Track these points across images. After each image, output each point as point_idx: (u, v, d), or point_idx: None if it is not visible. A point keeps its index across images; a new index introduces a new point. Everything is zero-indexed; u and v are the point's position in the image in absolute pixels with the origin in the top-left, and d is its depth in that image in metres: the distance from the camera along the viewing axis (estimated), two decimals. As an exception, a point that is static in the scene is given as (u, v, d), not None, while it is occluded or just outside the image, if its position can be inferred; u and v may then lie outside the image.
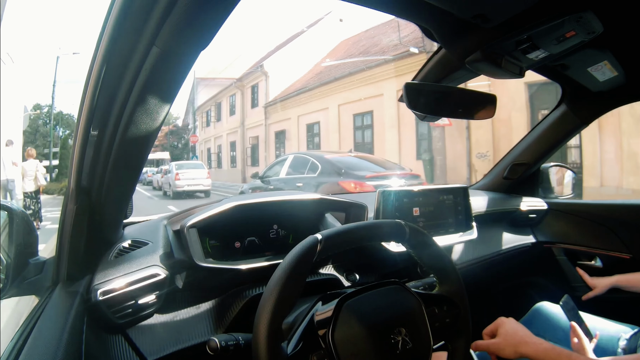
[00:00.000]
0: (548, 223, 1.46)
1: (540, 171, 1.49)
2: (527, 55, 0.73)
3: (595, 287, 1.09)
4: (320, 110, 12.29)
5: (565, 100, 1.25)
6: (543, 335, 0.76)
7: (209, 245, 0.82)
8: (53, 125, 23.96)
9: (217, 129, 20.78)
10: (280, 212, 0.90)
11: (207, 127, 22.80)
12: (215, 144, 21.28)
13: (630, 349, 0.91)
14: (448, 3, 0.61)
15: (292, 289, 0.50)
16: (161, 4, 0.41)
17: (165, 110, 0.55)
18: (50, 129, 22.27)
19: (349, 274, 0.95)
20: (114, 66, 0.49)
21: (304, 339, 0.51)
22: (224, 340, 0.53)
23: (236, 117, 18.25)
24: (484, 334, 0.81)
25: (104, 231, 0.71)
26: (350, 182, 4.24)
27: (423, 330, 0.57)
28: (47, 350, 0.47)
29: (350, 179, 4.28)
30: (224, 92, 19.34)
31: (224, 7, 0.43)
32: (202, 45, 0.47)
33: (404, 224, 0.60)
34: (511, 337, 0.74)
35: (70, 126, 27.51)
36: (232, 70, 18.62)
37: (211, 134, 21.83)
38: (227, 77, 18.84)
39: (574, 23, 0.65)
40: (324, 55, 14.92)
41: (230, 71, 18.70)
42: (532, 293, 1.44)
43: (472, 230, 1.12)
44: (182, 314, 0.74)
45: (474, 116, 0.89)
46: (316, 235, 0.53)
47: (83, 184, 0.61)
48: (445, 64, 0.92)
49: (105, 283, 0.65)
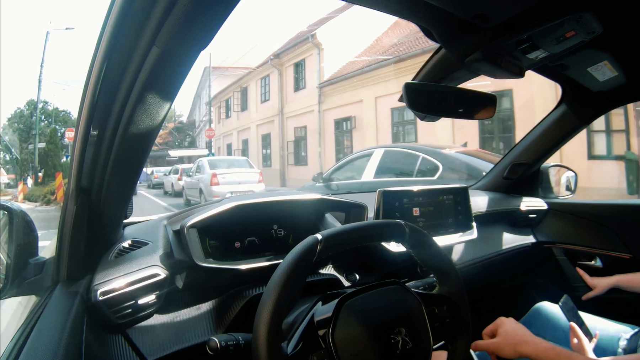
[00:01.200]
0: (548, 223, 1.46)
1: (540, 171, 1.49)
2: (527, 55, 0.74)
3: (595, 287, 1.09)
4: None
5: (565, 100, 1.25)
6: (543, 336, 0.76)
7: (209, 246, 0.81)
8: (47, 122, 21.66)
9: (242, 120, 16.89)
10: (280, 212, 0.90)
11: (227, 118, 18.88)
12: (239, 138, 17.49)
13: (630, 349, 0.91)
14: (448, 3, 0.61)
15: (292, 289, 0.50)
16: (161, 4, 0.41)
17: (165, 110, 0.55)
18: (37, 120, 17.74)
19: (349, 274, 0.95)
20: (114, 66, 0.49)
21: (304, 339, 0.51)
22: (224, 340, 0.53)
23: (271, 103, 14.46)
24: (483, 334, 0.81)
25: (104, 231, 0.71)
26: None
27: (423, 330, 0.57)
28: (47, 350, 0.47)
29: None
30: (252, 75, 15.69)
31: (224, 7, 0.43)
32: (202, 45, 0.47)
33: (404, 224, 0.60)
34: (511, 336, 0.74)
35: (66, 123, 24.68)
36: (249, 59, 16.17)
37: (232, 127, 18.04)
38: (243, 67, 16.41)
39: (574, 23, 0.65)
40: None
41: (246, 60, 16.32)
42: (532, 293, 1.44)
43: (472, 230, 1.12)
44: (182, 314, 0.74)
45: (474, 116, 0.89)
46: (316, 235, 0.53)
47: (83, 184, 0.61)
48: (445, 64, 0.92)
49: (105, 283, 0.65)
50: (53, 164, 14.80)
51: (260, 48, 16.87)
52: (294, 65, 13.22)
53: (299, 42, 12.74)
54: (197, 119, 27.24)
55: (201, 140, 25.84)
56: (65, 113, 26.86)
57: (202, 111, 24.56)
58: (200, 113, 25.15)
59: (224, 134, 19.35)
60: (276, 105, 13.98)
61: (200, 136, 25.90)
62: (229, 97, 18.10)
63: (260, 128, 15.36)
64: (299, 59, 12.88)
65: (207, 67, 19.12)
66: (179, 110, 31.89)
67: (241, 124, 17.03)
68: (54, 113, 25.49)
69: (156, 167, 17.90)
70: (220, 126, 19.58)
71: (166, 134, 28.60)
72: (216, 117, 19.99)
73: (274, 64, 13.85)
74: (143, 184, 17.57)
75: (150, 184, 17.05)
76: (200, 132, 25.72)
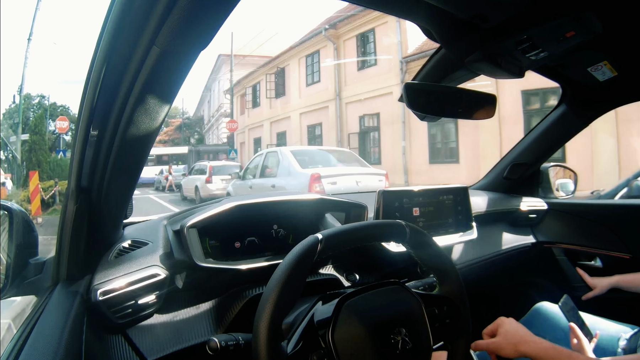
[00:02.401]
0: (548, 223, 1.46)
1: (540, 171, 1.49)
2: (527, 55, 0.74)
3: (595, 287, 1.09)
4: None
5: (565, 100, 1.25)
6: (543, 336, 0.75)
7: (208, 246, 0.81)
8: (41, 113, 17.57)
9: (277, 109, 13.83)
10: (280, 212, 0.90)
11: (255, 107, 15.63)
12: (272, 130, 14.32)
13: (630, 349, 0.91)
14: (448, 3, 0.62)
15: (292, 289, 0.50)
16: (161, 4, 0.41)
17: (165, 110, 0.55)
18: (20, 105, 14.12)
19: (349, 274, 0.95)
20: (114, 66, 0.49)
21: (304, 338, 0.51)
22: (224, 340, 0.53)
23: (323, 86, 11.49)
24: (484, 334, 0.81)
25: (104, 231, 0.71)
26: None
27: (423, 331, 0.57)
28: (47, 350, 0.47)
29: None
30: (293, 52, 12.72)
31: (224, 7, 0.43)
32: (202, 45, 0.47)
33: (404, 224, 0.60)
34: (511, 336, 0.74)
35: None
36: (268, 48, 14.48)
37: (263, 117, 14.76)
38: (263, 55, 14.53)
39: (574, 23, 0.65)
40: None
41: (266, 49, 14.59)
42: (532, 293, 1.44)
43: (472, 230, 1.12)
44: (182, 314, 0.74)
45: (474, 116, 0.89)
46: (317, 235, 0.53)
47: (83, 184, 0.61)
48: (445, 64, 0.92)
49: (105, 283, 0.65)
50: (37, 160, 10.94)
51: (281, 36, 15.35)
52: (358, 36, 10.28)
53: (359, 10, 9.51)
54: (205, 114, 26.07)
55: (211, 137, 24.09)
56: (64, 108, 24.63)
57: (214, 104, 22.63)
58: (211, 107, 23.55)
59: (249, 126, 16.22)
60: (331, 87, 10.97)
61: (211, 132, 24.36)
62: (257, 83, 15.18)
63: (306, 117, 12.24)
64: (366, 28, 9.96)
65: (221, 54, 17.19)
66: (185, 106, 31.48)
67: (275, 113, 13.95)
68: (50, 108, 22.83)
69: (157, 166, 15.97)
70: (245, 117, 16.43)
71: (172, 130, 28.18)
72: (237, 108, 16.89)
73: (328, 36, 10.65)
74: (145, 184, 15.26)
75: (160, 186, 14.45)
76: (210, 127, 24.15)
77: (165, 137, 27.29)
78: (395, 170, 8.66)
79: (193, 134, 28.35)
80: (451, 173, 8.18)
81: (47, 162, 11.29)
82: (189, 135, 28.14)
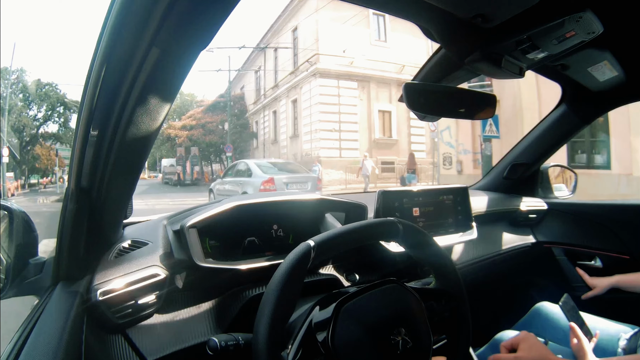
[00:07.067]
0: (548, 223, 1.46)
1: (540, 171, 1.49)
2: (527, 55, 0.73)
3: (595, 287, 1.09)
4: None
5: (565, 100, 1.25)
6: (543, 335, 0.75)
7: (208, 246, 0.81)
8: (22, 97, 15.34)
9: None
10: (281, 213, 0.90)
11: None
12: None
13: (630, 349, 0.91)
14: (448, 3, 0.61)
15: (288, 297, 0.50)
16: (161, 4, 0.41)
17: (166, 110, 0.55)
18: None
19: (349, 274, 0.95)
20: (114, 66, 0.49)
21: (303, 345, 0.51)
22: (224, 340, 0.53)
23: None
24: (502, 347, 0.80)
25: (104, 231, 0.71)
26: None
27: (423, 328, 0.57)
28: (47, 350, 0.47)
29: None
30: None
31: (224, 7, 0.43)
32: (202, 45, 0.47)
33: (396, 221, 0.60)
34: (536, 351, 0.74)
35: (49, 98, 17.90)
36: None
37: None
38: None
39: (574, 23, 0.65)
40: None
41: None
42: (532, 293, 1.43)
43: (472, 230, 1.12)
44: (182, 314, 0.74)
45: (474, 116, 0.89)
46: (309, 242, 0.53)
47: (83, 184, 0.61)
48: (445, 64, 0.92)
49: (105, 283, 0.65)
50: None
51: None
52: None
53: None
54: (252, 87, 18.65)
55: (269, 118, 17.28)
56: (50, 86, 18.53)
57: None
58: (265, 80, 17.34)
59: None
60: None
61: (269, 109, 17.30)
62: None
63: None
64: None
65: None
66: (201, 94, 27.30)
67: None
68: (35, 86, 18.00)
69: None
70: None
71: (200, 113, 19.39)
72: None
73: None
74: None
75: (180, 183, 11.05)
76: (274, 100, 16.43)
77: (192, 122, 18.91)
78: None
79: (233, 117, 18.59)
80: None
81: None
82: (224, 119, 18.25)
